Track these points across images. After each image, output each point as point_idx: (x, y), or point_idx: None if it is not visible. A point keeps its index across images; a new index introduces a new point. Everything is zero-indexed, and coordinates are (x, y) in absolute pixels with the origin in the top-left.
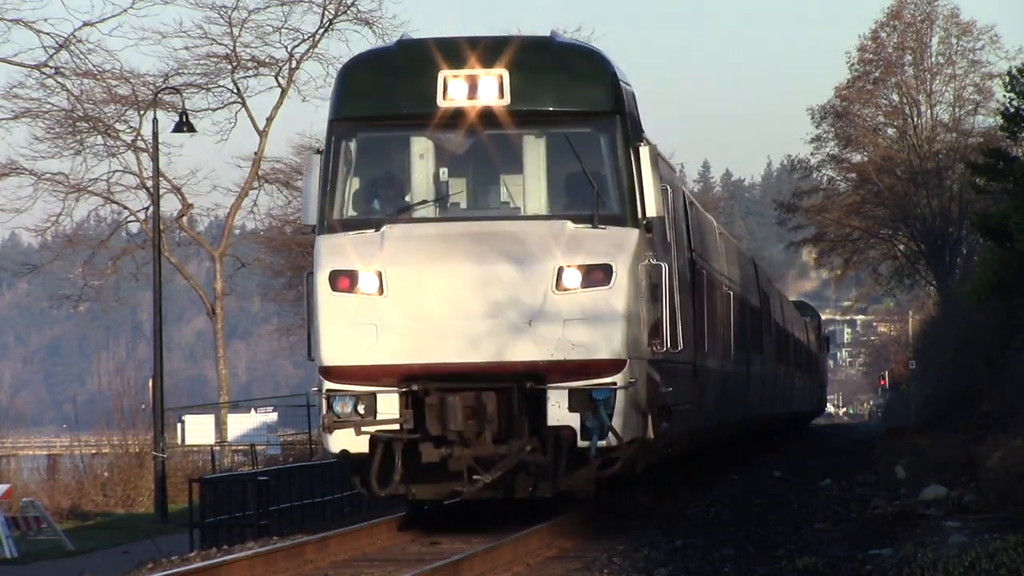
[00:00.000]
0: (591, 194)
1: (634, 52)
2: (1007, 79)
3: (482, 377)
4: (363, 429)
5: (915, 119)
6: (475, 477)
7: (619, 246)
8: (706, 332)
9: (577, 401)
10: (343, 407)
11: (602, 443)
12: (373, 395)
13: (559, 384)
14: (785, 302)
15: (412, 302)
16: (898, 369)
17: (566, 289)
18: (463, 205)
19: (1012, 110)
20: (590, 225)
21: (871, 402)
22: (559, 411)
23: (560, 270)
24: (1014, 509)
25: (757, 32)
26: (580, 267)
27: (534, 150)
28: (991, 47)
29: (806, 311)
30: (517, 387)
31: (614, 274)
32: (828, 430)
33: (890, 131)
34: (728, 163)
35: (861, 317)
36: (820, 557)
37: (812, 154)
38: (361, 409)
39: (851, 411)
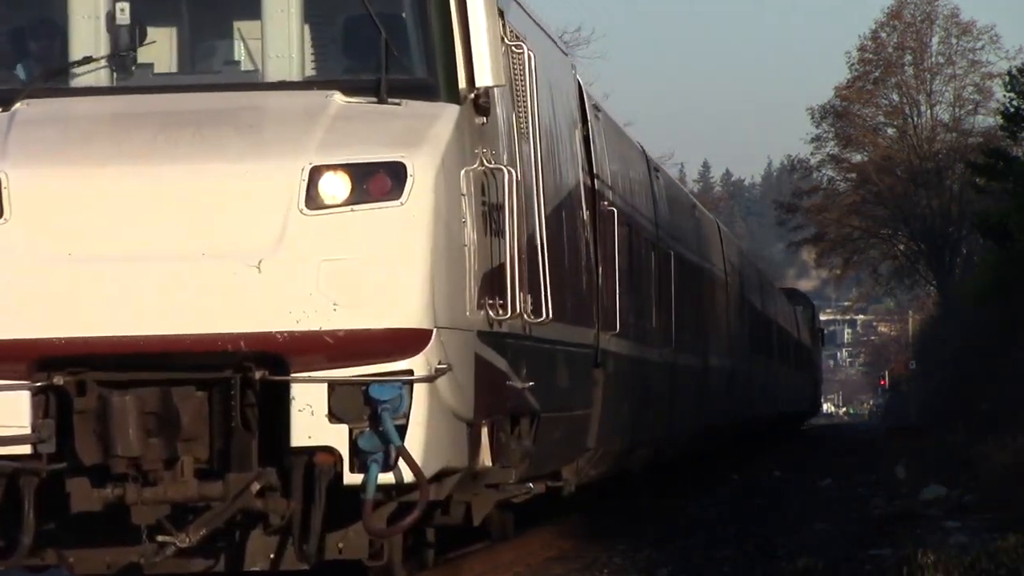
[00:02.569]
0: (376, 46)
1: (634, 52)
2: (1007, 79)
3: (177, 361)
4: None
5: (915, 119)
6: (162, 539)
7: (421, 133)
8: (619, 303)
9: (344, 403)
10: None
11: (387, 477)
12: None
13: (312, 373)
14: (769, 285)
15: (54, 232)
16: (898, 369)
17: (325, 206)
18: (160, 68)
19: (1012, 110)
20: (374, 99)
21: (871, 402)
22: (312, 421)
23: (314, 172)
24: (1014, 509)
25: (757, 32)
26: (349, 168)
27: None
28: (991, 47)
29: (797, 300)
30: (240, 378)
31: (410, 180)
32: (827, 430)
33: (890, 131)
34: (728, 163)
35: (861, 317)
36: (820, 557)
37: (812, 154)
38: None
39: (851, 411)
